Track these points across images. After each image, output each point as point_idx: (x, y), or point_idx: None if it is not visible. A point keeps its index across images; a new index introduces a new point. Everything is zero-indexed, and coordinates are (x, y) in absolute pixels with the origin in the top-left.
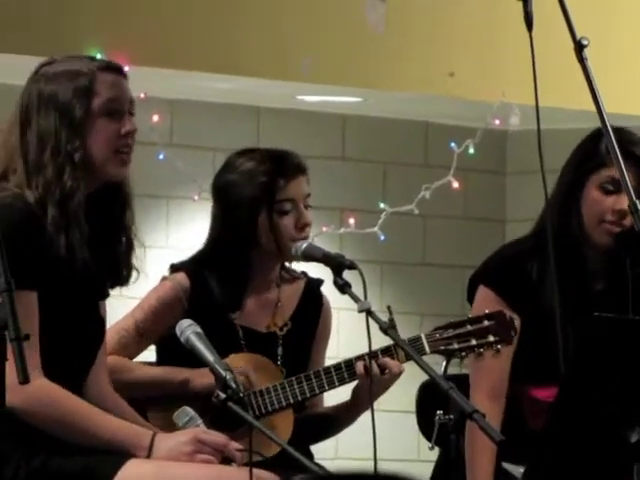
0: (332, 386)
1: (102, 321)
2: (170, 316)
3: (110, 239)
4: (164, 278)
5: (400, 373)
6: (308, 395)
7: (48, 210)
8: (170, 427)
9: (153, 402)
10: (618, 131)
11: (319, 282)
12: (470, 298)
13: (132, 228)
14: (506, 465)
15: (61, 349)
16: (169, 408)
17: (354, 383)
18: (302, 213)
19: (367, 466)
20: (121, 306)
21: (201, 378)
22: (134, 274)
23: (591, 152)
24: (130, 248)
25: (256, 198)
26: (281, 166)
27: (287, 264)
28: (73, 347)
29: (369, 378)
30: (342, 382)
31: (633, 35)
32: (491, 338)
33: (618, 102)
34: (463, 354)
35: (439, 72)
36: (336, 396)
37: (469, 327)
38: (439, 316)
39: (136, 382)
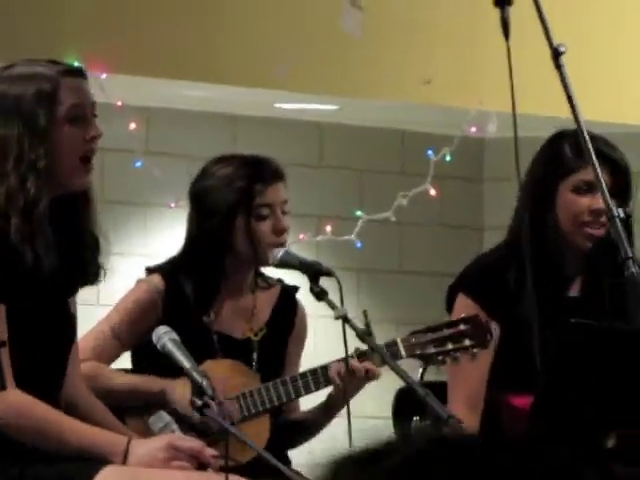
0: (308, 391)
1: (73, 318)
2: (146, 318)
3: (74, 242)
4: (139, 281)
5: (376, 373)
6: (284, 400)
7: (11, 220)
8: (148, 432)
9: (131, 407)
10: (590, 137)
11: (294, 289)
12: (449, 307)
13: (96, 229)
14: None
15: (33, 357)
16: (147, 413)
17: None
18: (279, 218)
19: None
20: (97, 313)
21: (178, 389)
22: (103, 273)
23: (557, 159)
24: (95, 248)
25: (234, 202)
26: (259, 171)
27: (262, 270)
28: (46, 353)
29: (344, 381)
30: (318, 386)
31: (610, 43)
32: (467, 342)
33: (595, 109)
34: (440, 358)
35: (416, 80)
36: (312, 400)
37: (445, 331)
38: (416, 324)
39: (112, 390)
